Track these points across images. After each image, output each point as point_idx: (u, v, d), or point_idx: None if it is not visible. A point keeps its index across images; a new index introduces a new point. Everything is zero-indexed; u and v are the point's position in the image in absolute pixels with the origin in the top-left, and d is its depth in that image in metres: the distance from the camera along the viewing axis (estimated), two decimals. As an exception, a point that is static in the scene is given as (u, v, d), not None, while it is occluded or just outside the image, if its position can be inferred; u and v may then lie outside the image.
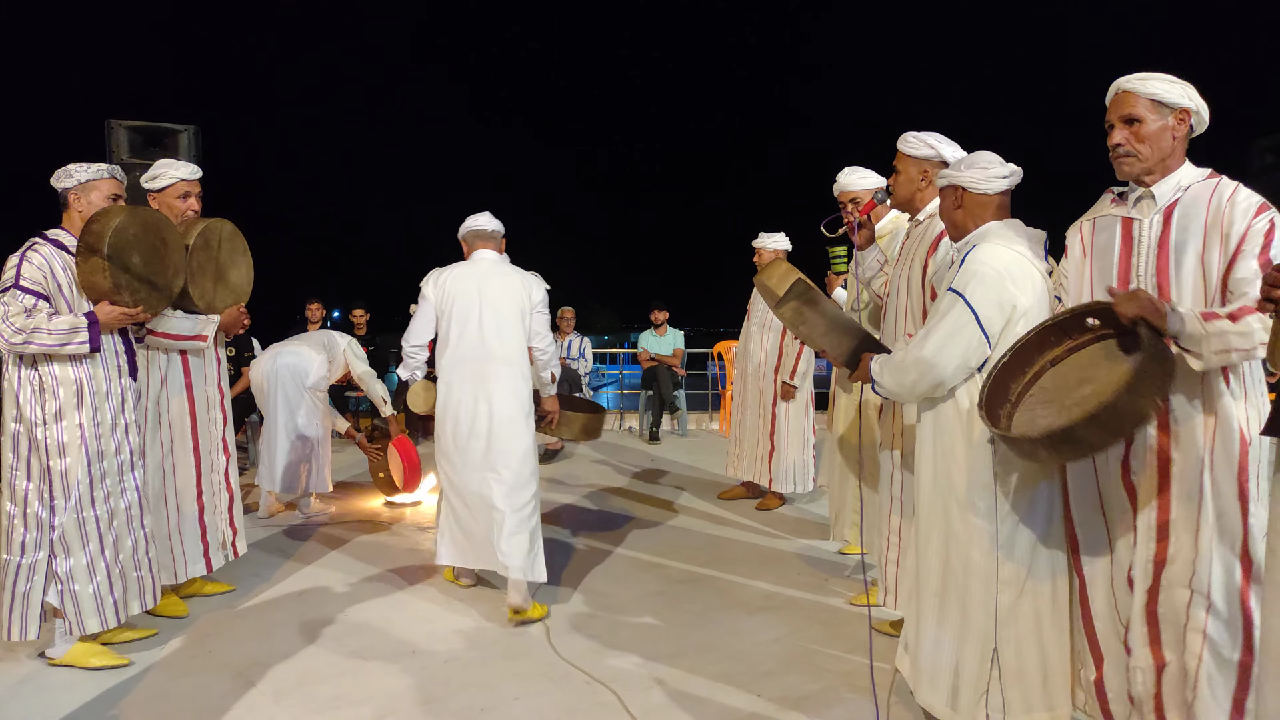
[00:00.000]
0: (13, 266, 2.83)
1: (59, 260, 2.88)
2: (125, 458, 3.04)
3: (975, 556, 2.28)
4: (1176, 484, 2.04)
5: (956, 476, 2.32)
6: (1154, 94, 2.06)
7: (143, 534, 3.09)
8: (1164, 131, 2.07)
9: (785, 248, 5.30)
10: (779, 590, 3.81)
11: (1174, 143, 2.08)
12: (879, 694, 2.73)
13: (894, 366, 2.41)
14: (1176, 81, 2.07)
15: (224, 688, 2.82)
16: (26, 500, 2.82)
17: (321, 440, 5.09)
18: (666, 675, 2.93)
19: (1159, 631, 2.07)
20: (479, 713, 2.67)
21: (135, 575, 3.05)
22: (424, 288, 3.68)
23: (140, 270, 2.97)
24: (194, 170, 3.50)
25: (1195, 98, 2.07)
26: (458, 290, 3.61)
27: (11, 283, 2.80)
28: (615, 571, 4.09)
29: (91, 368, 2.92)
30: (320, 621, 3.41)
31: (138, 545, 3.06)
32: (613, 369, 11.39)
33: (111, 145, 5.36)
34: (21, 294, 2.78)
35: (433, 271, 3.72)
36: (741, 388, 5.50)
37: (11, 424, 2.85)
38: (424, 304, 3.68)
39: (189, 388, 3.45)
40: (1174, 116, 2.07)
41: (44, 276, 2.84)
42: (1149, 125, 2.07)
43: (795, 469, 5.21)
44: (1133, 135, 2.09)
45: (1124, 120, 2.10)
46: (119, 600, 2.96)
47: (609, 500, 5.63)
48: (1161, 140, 2.08)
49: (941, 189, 2.48)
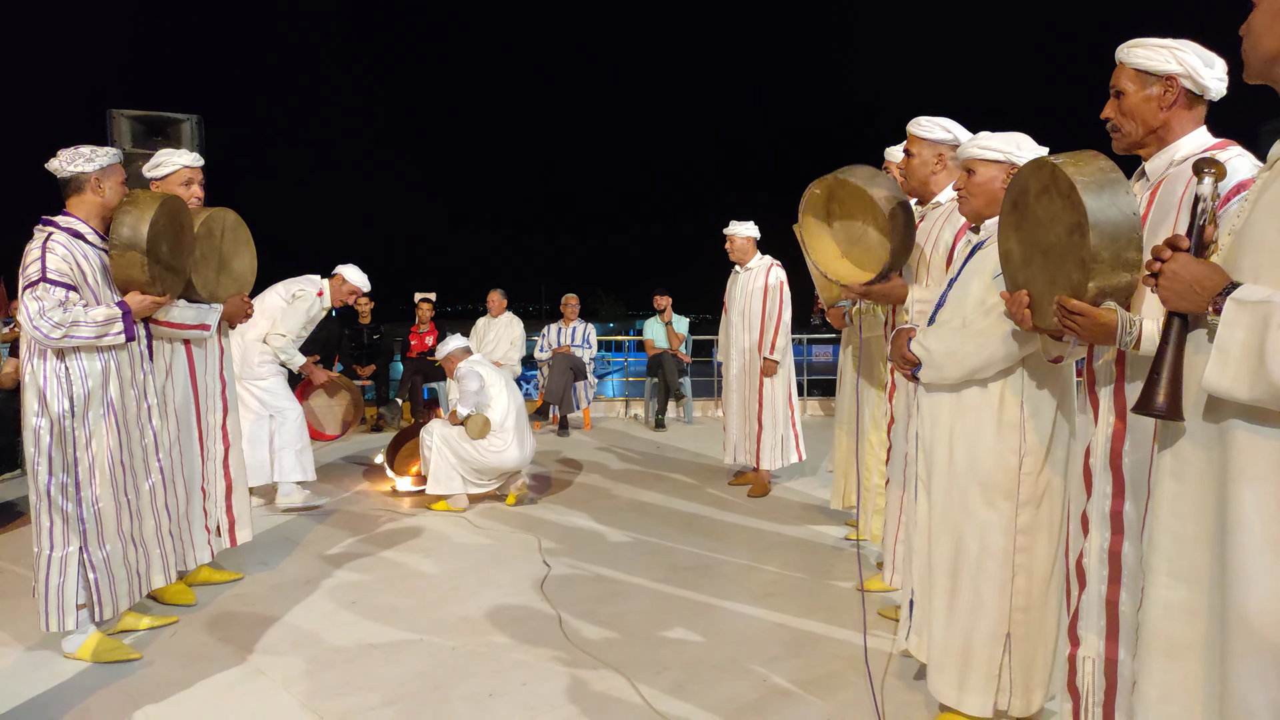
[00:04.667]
0: (36, 259, 2.76)
1: (79, 250, 2.86)
2: (150, 441, 3.08)
3: (995, 539, 2.28)
4: (1128, 474, 1.92)
5: (983, 458, 2.30)
6: (1137, 64, 1.90)
7: (166, 512, 3.15)
8: (1148, 103, 1.90)
9: (755, 234, 5.52)
10: (785, 574, 3.82)
11: (1164, 113, 1.89)
12: (877, 678, 2.73)
13: (949, 334, 2.34)
14: (1164, 45, 1.87)
15: (233, 675, 2.84)
16: (50, 495, 2.82)
17: (285, 418, 4.77)
18: (673, 660, 2.94)
19: (1117, 625, 1.96)
20: (487, 698, 2.68)
21: (158, 552, 3.11)
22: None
23: (168, 259, 3.03)
24: (196, 158, 3.50)
25: (1187, 60, 1.85)
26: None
27: (39, 276, 2.74)
28: (622, 557, 4.09)
29: (117, 354, 2.93)
30: (327, 609, 3.43)
31: (160, 524, 3.12)
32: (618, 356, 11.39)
33: (114, 135, 5.34)
34: (53, 287, 2.74)
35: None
36: (728, 375, 5.60)
37: (33, 418, 2.81)
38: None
39: (192, 376, 3.46)
40: (1160, 85, 1.88)
41: (70, 267, 2.80)
42: (1131, 98, 1.92)
43: (782, 444, 5.32)
44: (1117, 108, 1.96)
45: (1113, 92, 1.96)
46: (143, 576, 3.05)
47: (615, 487, 5.63)
48: (1145, 112, 1.91)
49: (985, 166, 2.40)
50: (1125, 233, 1.74)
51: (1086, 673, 1.99)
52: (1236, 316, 1.29)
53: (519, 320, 8.32)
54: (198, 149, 5.60)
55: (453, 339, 5.42)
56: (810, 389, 9.36)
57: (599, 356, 8.92)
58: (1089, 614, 1.99)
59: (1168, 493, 1.47)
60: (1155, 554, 1.48)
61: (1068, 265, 1.83)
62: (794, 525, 4.64)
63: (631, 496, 5.36)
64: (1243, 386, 1.27)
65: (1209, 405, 1.39)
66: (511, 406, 5.06)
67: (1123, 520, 1.92)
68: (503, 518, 4.83)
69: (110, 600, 2.92)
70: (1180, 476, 1.45)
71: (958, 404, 2.36)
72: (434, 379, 7.93)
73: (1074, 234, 1.78)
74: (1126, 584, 1.92)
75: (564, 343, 8.28)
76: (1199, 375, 1.36)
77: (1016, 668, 2.28)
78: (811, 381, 9.46)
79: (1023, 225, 2.01)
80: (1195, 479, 1.42)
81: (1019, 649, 2.28)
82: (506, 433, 4.98)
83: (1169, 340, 1.42)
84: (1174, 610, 1.44)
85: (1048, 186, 1.88)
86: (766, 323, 5.32)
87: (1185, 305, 1.39)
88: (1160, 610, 1.46)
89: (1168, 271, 1.41)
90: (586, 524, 4.70)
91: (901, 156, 3.24)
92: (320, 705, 2.64)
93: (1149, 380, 1.43)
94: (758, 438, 5.31)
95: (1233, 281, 1.34)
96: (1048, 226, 1.90)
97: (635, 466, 6.32)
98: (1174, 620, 1.44)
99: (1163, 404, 1.40)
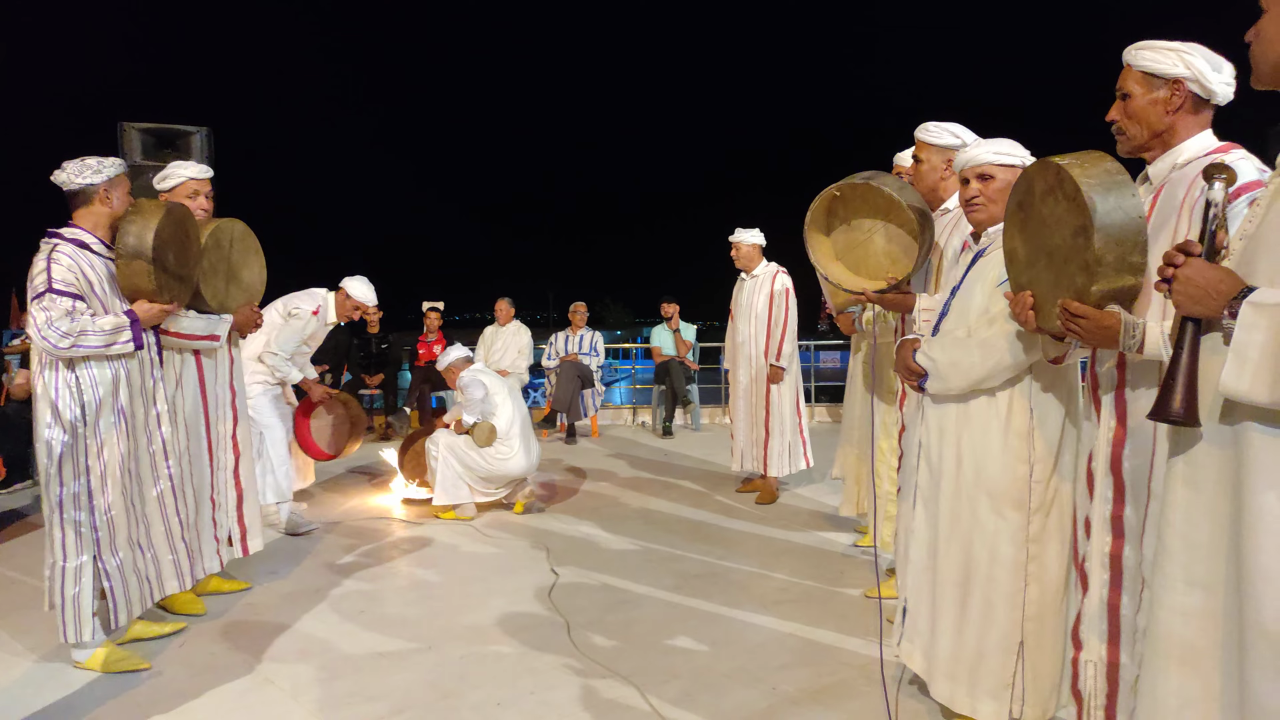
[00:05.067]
0: (42, 270, 2.79)
1: (84, 259, 2.88)
2: (158, 446, 3.10)
3: (1005, 549, 2.26)
4: (1128, 479, 1.91)
5: (991, 468, 2.29)
6: (1144, 66, 1.88)
7: (177, 519, 3.16)
8: (1154, 106, 1.88)
9: (760, 242, 5.52)
10: (795, 582, 3.80)
11: (1170, 117, 1.87)
12: (891, 687, 2.72)
13: (953, 344, 2.34)
14: (1171, 48, 1.85)
15: (242, 685, 2.84)
16: (63, 505, 2.83)
17: (264, 438, 4.47)
18: (683, 669, 2.93)
19: (1119, 629, 1.94)
20: (495, 708, 2.67)
21: (170, 558, 3.12)
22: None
23: (175, 268, 3.04)
24: (203, 170, 3.52)
25: (1195, 63, 1.83)
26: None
27: (45, 286, 2.76)
28: (630, 565, 4.09)
29: (127, 363, 2.96)
30: (336, 618, 3.43)
31: (170, 529, 3.13)
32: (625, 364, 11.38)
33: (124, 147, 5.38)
34: (59, 297, 2.76)
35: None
36: (735, 383, 5.59)
37: (45, 430, 2.82)
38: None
39: (202, 386, 3.47)
40: (1167, 88, 1.86)
41: (75, 277, 2.82)
42: (1137, 100, 1.90)
43: (789, 451, 5.31)
44: (1123, 110, 1.94)
45: (1119, 94, 1.94)
46: (154, 581, 3.06)
47: (623, 495, 5.62)
48: (1150, 115, 1.89)
49: (1004, 171, 2.38)
50: (1131, 236, 1.72)
51: (1089, 676, 1.98)
52: (1254, 319, 1.28)
53: (526, 329, 8.34)
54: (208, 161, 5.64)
55: (453, 349, 5.43)
56: (817, 395, 9.34)
57: (607, 364, 8.93)
58: (1091, 617, 1.98)
59: (1180, 499, 1.45)
60: (1170, 561, 1.46)
61: (1072, 267, 1.82)
62: (802, 532, 4.63)
63: (639, 504, 5.36)
64: (1262, 389, 1.26)
65: (1224, 409, 1.37)
66: (516, 414, 5.06)
67: (1123, 524, 1.92)
68: (510, 526, 4.83)
69: (125, 606, 2.93)
70: (1193, 482, 1.43)
71: (965, 413, 2.35)
72: (442, 388, 7.94)
73: (1079, 236, 1.78)
74: (1127, 587, 1.91)
75: (572, 350, 8.29)
76: (1212, 379, 1.35)
77: (1029, 676, 2.26)
78: (819, 388, 9.44)
79: (1028, 226, 2.00)
80: (1209, 484, 1.40)
81: (1031, 657, 2.26)
82: (512, 440, 4.99)
83: (1183, 345, 1.40)
84: (1191, 617, 1.42)
85: (1053, 188, 1.87)
86: (773, 330, 5.32)
87: (1200, 310, 1.38)
88: (1178, 617, 1.44)
89: (1181, 276, 1.40)
90: (594, 532, 4.70)
91: (911, 162, 3.22)
92: (329, 714, 2.64)
93: (1164, 386, 1.41)
94: (765, 444, 5.31)
95: (1248, 286, 1.33)
96: (1053, 228, 1.88)
97: (643, 474, 6.31)
98: (1191, 627, 1.42)
99: (1180, 409, 1.38)
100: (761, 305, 5.38)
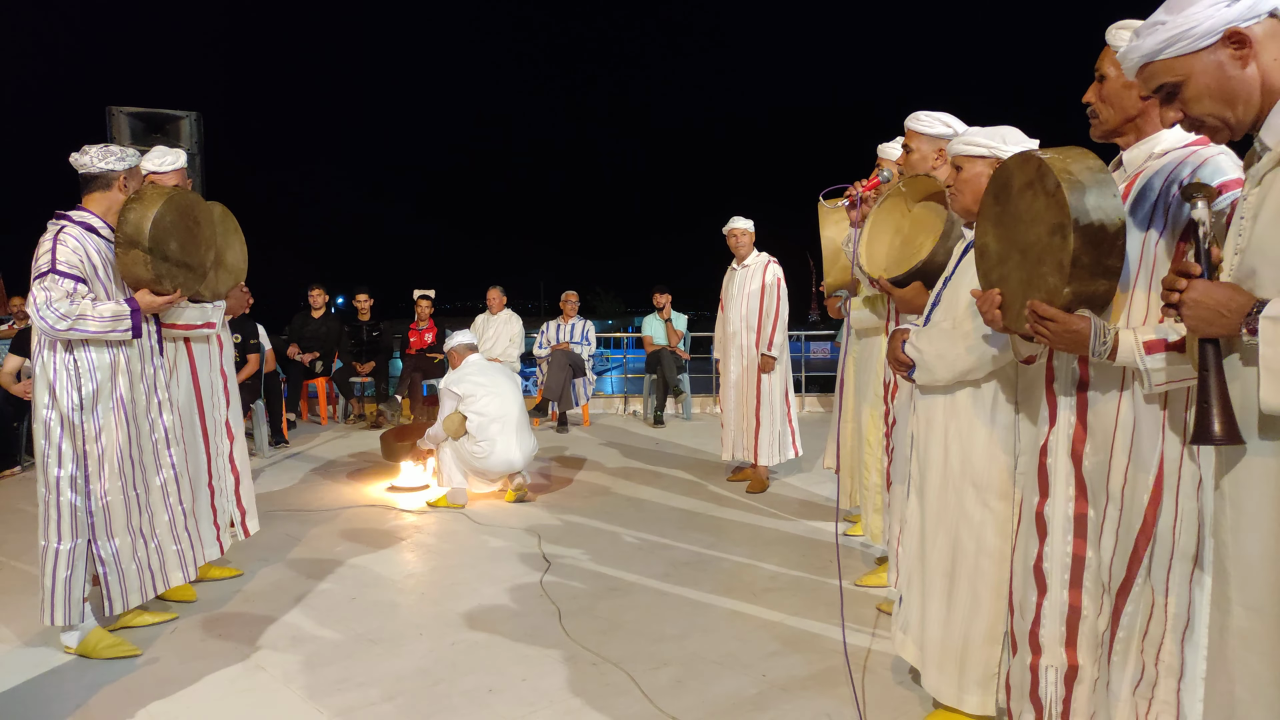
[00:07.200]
0: (47, 250, 2.78)
1: (90, 243, 2.87)
2: (160, 435, 3.09)
3: (990, 538, 2.28)
4: (1088, 477, 1.87)
5: (976, 458, 2.30)
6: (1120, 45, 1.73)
7: (180, 508, 3.16)
8: (1128, 90, 1.77)
9: (753, 230, 5.58)
10: (784, 571, 3.83)
11: (1144, 101, 1.75)
12: (874, 676, 2.74)
13: (940, 336, 2.34)
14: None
15: (233, 672, 2.85)
16: (59, 487, 2.82)
17: None
18: (673, 656, 2.95)
19: (1077, 632, 1.90)
20: (486, 694, 2.69)
21: (174, 548, 3.12)
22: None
23: (178, 256, 3.02)
24: (167, 162, 3.47)
25: None
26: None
27: (49, 267, 2.75)
28: (621, 553, 4.10)
29: (126, 349, 2.94)
30: (327, 605, 3.44)
31: (175, 520, 3.13)
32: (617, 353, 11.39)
33: (113, 131, 5.34)
34: (61, 278, 2.75)
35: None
36: (725, 373, 5.61)
37: (44, 410, 2.82)
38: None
39: (194, 373, 3.47)
40: None
41: (80, 260, 2.81)
42: (1112, 82, 1.80)
43: (779, 440, 5.35)
44: (1099, 93, 1.84)
45: (1096, 76, 1.85)
46: (156, 572, 3.05)
47: (614, 483, 5.64)
48: (1125, 99, 1.79)
49: (970, 162, 2.32)
50: (1109, 238, 1.67)
51: (1049, 681, 1.93)
52: (1276, 333, 1.27)
53: (518, 317, 8.34)
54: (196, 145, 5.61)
55: (460, 333, 5.51)
56: (807, 385, 9.37)
57: (598, 353, 8.93)
58: (1050, 620, 1.93)
59: (1229, 520, 1.43)
60: (1229, 584, 1.43)
61: (1045, 267, 1.76)
62: (792, 521, 4.65)
63: (630, 493, 5.37)
64: None
65: (1261, 424, 1.35)
66: (512, 405, 5.07)
67: (1086, 523, 1.87)
68: (502, 514, 4.84)
69: (120, 595, 2.93)
70: (1238, 503, 1.41)
71: (951, 404, 2.37)
72: (433, 375, 7.93)
73: (1055, 235, 1.71)
74: (1089, 589, 1.87)
75: (563, 339, 8.29)
76: (1238, 398, 1.34)
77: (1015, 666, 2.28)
78: (809, 378, 9.46)
79: (1003, 220, 1.93)
80: (1253, 502, 1.38)
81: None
82: (508, 432, 4.99)
83: (1208, 367, 1.38)
84: (1250, 640, 1.38)
85: (1032, 182, 1.80)
86: (764, 320, 5.34)
87: (1215, 330, 1.36)
88: (1237, 642, 1.40)
89: (1189, 301, 1.38)
90: (585, 520, 4.71)
91: (899, 153, 3.19)
92: (321, 701, 2.65)
93: (1200, 411, 1.38)
94: (755, 434, 5.33)
95: (1259, 300, 1.31)
96: (1029, 224, 1.82)
97: (634, 463, 6.33)
98: (1251, 651, 1.38)
99: (1221, 432, 1.36)
100: (753, 295, 5.39)
